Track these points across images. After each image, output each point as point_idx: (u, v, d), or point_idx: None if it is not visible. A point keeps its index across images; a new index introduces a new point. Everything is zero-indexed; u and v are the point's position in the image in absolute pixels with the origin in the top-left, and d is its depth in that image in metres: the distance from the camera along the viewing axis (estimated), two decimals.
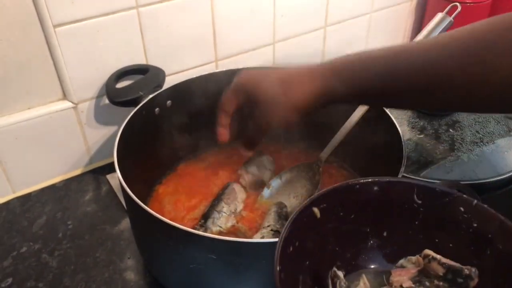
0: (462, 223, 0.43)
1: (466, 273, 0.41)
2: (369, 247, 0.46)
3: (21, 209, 0.76)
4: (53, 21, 0.68)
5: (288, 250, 0.40)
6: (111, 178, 0.82)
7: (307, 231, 0.43)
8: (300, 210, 0.42)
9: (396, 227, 0.46)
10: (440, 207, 0.44)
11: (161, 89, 0.74)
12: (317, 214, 0.43)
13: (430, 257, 0.42)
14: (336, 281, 0.42)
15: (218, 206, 0.67)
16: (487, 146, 0.84)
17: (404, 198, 0.45)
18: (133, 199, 0.52)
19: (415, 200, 0.45)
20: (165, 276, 0.60)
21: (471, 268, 0.41)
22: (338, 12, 1.01)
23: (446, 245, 0.44)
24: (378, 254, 0.47)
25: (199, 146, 0.82)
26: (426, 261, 0.43)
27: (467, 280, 0.41)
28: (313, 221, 0.43)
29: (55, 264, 0.66)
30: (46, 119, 0.75)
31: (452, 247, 0.44)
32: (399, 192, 0.45)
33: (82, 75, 0.75)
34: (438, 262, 0.42)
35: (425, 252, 0.43)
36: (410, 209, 0.45)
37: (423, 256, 0.43)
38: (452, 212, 0.43)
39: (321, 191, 0.44)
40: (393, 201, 0.45)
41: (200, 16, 0.83)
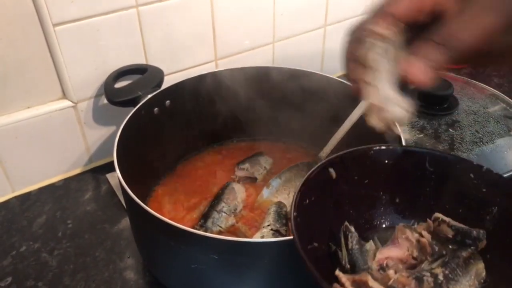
0: (472, 188, 0.45)
1: (474, 235, 0.42)
2: (382, 211, 0.47)
3: (21, 208, 0.76)
4: (52, 20, 0.68)
5: (304, 201, 0.41)
6: (110, 177, 0.82)
7: (323, 189, 0.44)
8: (317, 168, 0.43)
9: (409, 193, 0.47)
10: (451, 174, 0.46)
11: (160, 89, 0.74)
12: (333, 175, 0.44)
13: (440, 220, 0.44)
14: (348, 234, 0.42)
15: (218, 206, 0.67)
16: (486, 146, 0.84)
17: (417, 165, 0.46)
18: (133, 199, 0.52)
19: (427, 167, 0.46)
20: (165, 275, 0.60)
21: (479, 230, 0.42)
22: (338, 11, 1.01)
23: (456, 211, 0.45)
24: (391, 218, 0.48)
25: (198, 145, 0.82)
26: (436, 224, 0.44)
27: (476, 242, 0.42)
28: (329, 181, 0.44)
29: (54, 263, 0.66)
30: (45, 118, 0.75)
31: (462, 213, 0.45)
32: (412, 160, 0.47)
33: (81, 74, 0.75)
34: (448, 225, 0.43)
35: (435, 215, 0.44)
36: (422, 176, 0.46)
37: (433, 219, 0.44)
38: (463, 178, 0.45)
39: (338, 153, 0.46)
40: (406, 168, 0.47)
41: (200, 15, 0.83)
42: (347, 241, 0.42)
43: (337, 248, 0.42)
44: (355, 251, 0.41)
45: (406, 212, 0.47)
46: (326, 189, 0.44)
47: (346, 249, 0.42)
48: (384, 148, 0.47)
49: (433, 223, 0.44)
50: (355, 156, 0.46)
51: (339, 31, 1.03)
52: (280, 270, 0.50)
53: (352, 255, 0.41)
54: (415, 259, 0.43)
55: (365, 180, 0.46)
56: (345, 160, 0.46)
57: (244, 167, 0.75)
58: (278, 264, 0.50)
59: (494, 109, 0.93)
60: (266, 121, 0.80)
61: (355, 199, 0.46)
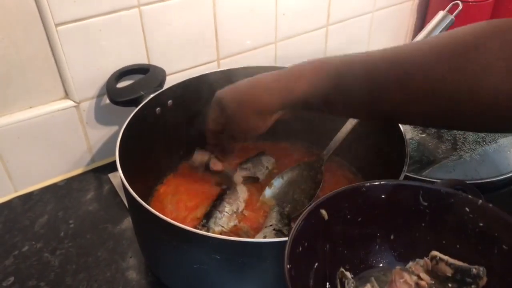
0: (468, 223, 0.43)
1: (474, 273, 0.41)
2: (377, 249, 0.47)
3: (23, 208, 0.76)
4: (55, 20, 0.68)
5: (297, 249, 0.40)
6: (112, 177, 0.82)
7: (316, 232, 0.43)
8: (309, 211, 0.42)
9: (403, 229, 0.46)
10: (446, 208, 0.44)
11: (162, 88, 0.74)
12: (324, 216, 0.43)
13: (438, 258, 0.42)
14: (345, 281, 0.42)
15: (220, 206, 0.67)
16: (489, 145, 0.84)
17: (410, 200, 0.45)
18: (135, 199, 0.52)
19: (421, 202, 0.45)
20: (167, 275, 0.60)
21: (479, 268, 0.41)
22: (340, 11, 1.01)
23: (453, 246, 0.44)
24: (387, 256, 0.47)
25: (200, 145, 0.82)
26: (433, 263, 0.43)
27: (476, 280, 0.41)
28: (321, 223, 0.43)
29: (57, 263, 0.66)
30: (48, 118, 0.75)
31: (460, 248, 0.44)
32: (405, 195, 0.45)
33: (84, 74, 0.75)
34: (446, 263, 0.42)
35: (432, 254, 0.43)
36: (417, 211, 0.45)
37: (431, 258, 0.43)
38: (458, 213, 0.44)
39: (329, 194, 0.44)
40: (400, 204, 0.45)
41: (202, 15, 0.83)
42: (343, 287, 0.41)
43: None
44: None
45: (402, 249, 0.46)
46: (318, 232, 0.43)
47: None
48: (376, 183, 0.46)
49: (431, 261, 0.43)
50: (346, 195, 0.45)
51: (341, 31, 1.03)
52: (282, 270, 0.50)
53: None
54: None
55: (358, 218, 0.45)
56: (337, 199, 0.44)
57: (247, 167, 0.75)
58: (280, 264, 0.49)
59: None
60: None
61: (349, 239, 0.45)
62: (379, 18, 1.09)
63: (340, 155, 0.75)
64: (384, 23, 1.11)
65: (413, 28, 1.20)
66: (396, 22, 1.15)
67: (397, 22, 1.15)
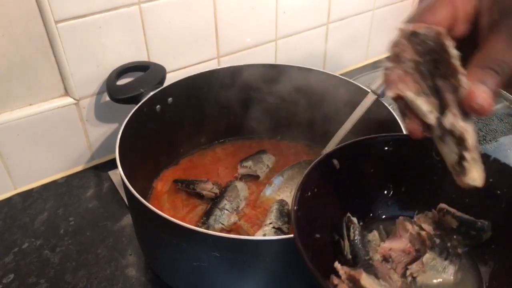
0: None
1: (479, 226, 0.42)
2: (387, 200, 0.47)
3: (23, 205, 0.76)
4: (55, 17, 0.68)
5: (306, 194, 0.41)
6: (112, 175, 0.82)
7: (326, 180, 0.43)
8: (320, 160, 0.43)
9: (415, 182, 0.46)
10: None
11: (162, 86, 0.74)
12: (336, 166, 0.44)
13: (445, 210, 0.43)
14: (350, 225, 0.42)
15: (220, 204, 0.67)
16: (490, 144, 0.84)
17: (424, 154, 0.45)
18: (135, 196, 0.52)
19: (434, 156, 0.44)
20: (167, 273, 0.60)
21: (484, 221, 0.42)
22: (340, 9, 1.01)
23: (462, 200, 0.44)
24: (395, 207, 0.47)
25: (200, 143, 0.82)
26: (441, 214, 0.43)
27: (480, 233, 0.42)
28: (332, 172, 0.44)
29: (56, 260, 0.67)
30: (48, 115, 0.75)
31: (468, 202, 0.44)
32: (419, 148, 0.45)
33: (84, 72, 0.75)
34: (452, 215, 0.43)
35: (440, 206, 0.44)
36: (429, 165, 0.45)
37: (438, 210, 0.44)
38: None
39: (343, 144, 0.45)
40: (413, 157, 0.46)
41: (202, 13, 0.83)
42: (349, 232, 0.42)
43: (339, 238, 0.42)
44: (357, 242, 0.41)
45: (411, 201, 0.47)
46: (329, 180, 0.44)
47: (348, 240, 0.42)
48: (390, 136, 0.46)
49: (438, 213, 0.44)
50: (360, 146, 0.45)
51: (341, 29, 1.03)
52: (282, 267, 0.50)
53: (354, 246, 0.41)
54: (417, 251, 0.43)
55: (370, 169, 0.46)
56: (350, 150, 0.45)
57: (247, 165, 0.75)
58: (280, 261, 0.49)
59: (497, 108, 0.92)
60: (269, 119, 0.79)
61: (360, 190, 0.46)
62: (379, 16, 1.09)
63: None
64: (384, 20, 1.11)
65: None
66: (397, 20, 1.15)
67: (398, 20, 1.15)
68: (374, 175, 0.46)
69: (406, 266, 0.42)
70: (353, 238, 0.42)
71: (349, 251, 0.41)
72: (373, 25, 1.10)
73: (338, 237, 0.42)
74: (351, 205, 0.45)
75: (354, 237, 0.42)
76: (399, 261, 0.42)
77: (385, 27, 1.13)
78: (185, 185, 0.71)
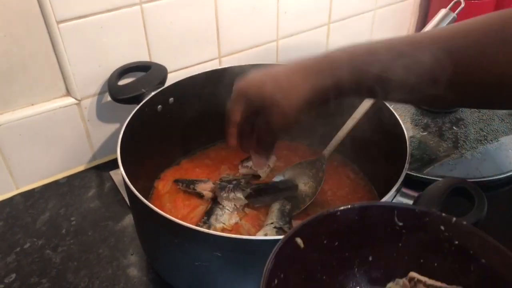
0: (444, 241, 0.43)
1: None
2: (356, 273, 0.46)
3: (25, 205, 0.76)
4: (56, 17, 0.68)
5: (273, 283, 0.39)
6: (114, 175, 0.82)
7: (292, 262, 0.42)
8: (284, 241, 0.41)
9: (381, 251, 0.46)
10: (421, 227, 0.44)
11: (163, 86, 0.74)
12: (300, 245, 0.43)
13: (416, 280, 0.42)
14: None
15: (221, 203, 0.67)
16: (491, 144, 0.84)
17: (386, 221, 0.45)
18: (137, 196, 0.52)
19: (396, 222, 0.45)
20: (168, 272, 0.61)
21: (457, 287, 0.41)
22: (342, 9, 1.01)
23: (431, 265, 0.44)
24: (365, 279, 0.46)
25: (201, 142, 0.82)
26: (412, 284, 0.43)
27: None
28: (297, 252, 0.42)
29: (58, 260, 0.67)
30: (49, 115, 0.75)
31: (437, 266, 0.44)
32: (380, 216, 0.45)
33: (85, 72, 0.75)
34: (424, 284, 0.42)
35: (410, 275, 0.43)
36: (393, 232, 0.45)
37: (409, 279, 0.43)
38: (434, 231, 0.44)
39: (303, 222, 0.44)
40: (375, 225, 0.45)
41: (204, 13, 0.83)
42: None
43: None
44: None
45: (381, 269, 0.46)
46: (295, 262, 0.42)
47: None
48: (349, 207, 0.45)
49: (409, 282, 0.43)
50: (321, 220, 0.44)
51: (343, 29, 1.03)
52: None
53: None
54: None
55: (335, 243, 0.45)
56: (312, 226, 0.44)
57: (248, 164, 0.75)
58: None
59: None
60: None
61: (328, 265, 0.45)
62: (380, 16, 1.09)
63: (342, 153, 0.76)
64: (386, 21, 1.11)
65: (415, 26, 1.20)
66: (398, 20, 1.15)
67: (399, 20, 1.15)
68: (339, 248, 0.45)
69: None
70: None
71: None
72: (374, 25, 1.10)
73: None
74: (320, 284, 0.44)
75: None
76: None
77: (386, 27, 1.13)
78: (185, 185, 0.72)
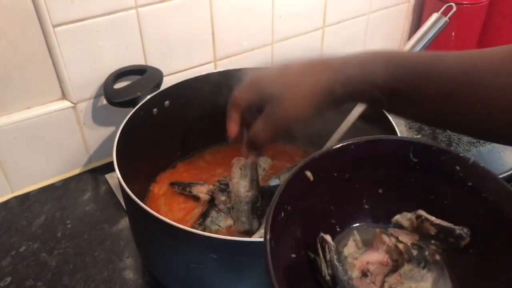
0: (457, 181, 0.43)
1: (457, 233, 0.41)
2: (364, 204, 0.46)
3: (20, 208, 0.76)
4: (52, 21, 0.69)
5: (279, 216, 0.39)
6: (110, 178, 0.82)
7: (300, 195, 0.42)
8: (293, 174, 0.41)
9: (392, 185, 0.45)
10: (436, 165, 0.43)
11: (159, 89, 0.74)
12: (310, 178, 0.42)
13: (423, 218, 0.42)
14: (325, 245, 0.41)
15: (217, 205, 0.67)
16: (483, 146, 0.84)
17: (401, 156, 0.44)
18: (133, 199, 0.52)
19: (411, 158, 0.44)
20: (164, 275, 0.61)
21: (463, 228, 0.41)
22: (336, 13, 1.01)
23: (441, 203, 0.43)
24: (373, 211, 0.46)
25: (197, 146, 0.82)
26: (419, 221, 0.43)
27: (459, 240, 0.41)
28: (306, 185, 0.42)
29: (54, 263, 0.67)
30: (45, 118, 0.75)
31: (447, 204, 0.43)
32: (396, 151, 0.44)
33: (81, 75, 0.76)
34: (431, 223, 0.42)
35: (418, 213, 0.43)
36: (406, 167, 0.44)
37: (416, 216, 0.43)
38: (448, 170, 0.43)
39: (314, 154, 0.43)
40: (390, 159, 0.44)
41: (199, 17, 0.83)
42: (324, 253, 0.41)
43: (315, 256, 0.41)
44: (334, 262, 0.40)
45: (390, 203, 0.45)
46: (303, 195, 0.42)
47: (324, 260, 0.41)
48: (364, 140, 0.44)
49: (416, 220, 0.43)
50: (333, 154, 0.44)
51: (337, 33, 1.04)
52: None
53: (331, 266, 0.40)
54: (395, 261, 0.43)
55: (345, 175, 0.44)
56: (323, 159, 0.43)
57: None
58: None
59: None
60: None
61: (335, 195, 0.44)
62: (375, 20, 1.10)
63: None
64: (380, 25, 1.12)
65: (408, 30, 1.21)
66: (392, 24, 1.16)
67: (393, 24, 1.16)
68: (349, 180, 0.45)
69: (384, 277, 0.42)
70: (330, 258, 0.40)
71: (326, 272, 0.40)
72: (368, 29, 1.10)
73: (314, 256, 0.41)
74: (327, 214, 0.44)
75: (331, 257, 0.40)
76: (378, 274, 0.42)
77: (380, 31, 1.14)
78: (181, 188, 0.72)
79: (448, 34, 1.08)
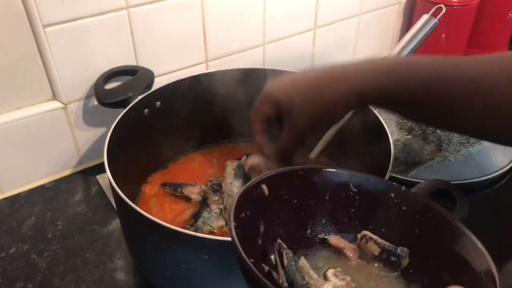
0: (393, 208, 0.47)
1: (398, 252, 0.45)
2: (309, 232, 0.48)
3: (10, 209, 0.76)
4: (42, 21, 0.68)
5: (240, 214, 0.42)
6: (100, 179, 0.81)
7: (257, 205, 0.44)
8: (252, 184, 0.44)
9: (334, 214, 0.49)
10: (374, 194, 0.48)
11: (150, 90, 0.74)
12: (265, 191, 0.45)
13: (367, 237, 0.46)
14: (283, 251, 0.43)
15: (209, 206, 0.67)
16: (473, 146, 0.85)
17: (342, 187, 0.48)
18: (124, 200, 0.52)
19: (351, 188, 0.48)
20: (156, 276, 0.61)
21: (402, 248, 0.45)
22: (327, 14, 1.02)
23: (379, 230, 0.47)
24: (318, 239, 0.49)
25: (189, 147, 0.82)
26: (363, 242, 0.46)
27: (400, 259, 0.45)
28: (261, 198, 0.45)
29: (44, 264, 0.66)
30: (35, 119, 0.75)
31: (385, 231, 0.47)
32: (338, 181, 0.49)
33: (71, 76, 0.75)
34: (375, 242, 0.46)
35: (363, 233, 0.47)
36: (347, 197, 0.48)
37: (360, 237, 0.47)
38: (384, 198, 0.48)
39: (270, 172, 0.47)
40: (332, 189, 0.48)
41: (191, 17, 0.83)
42: (282, 259, 0.42)
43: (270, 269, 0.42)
44: (292, 268, 0.41)
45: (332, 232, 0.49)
46: (259, 206, 0.45)
47: (282, 267, 0.42)
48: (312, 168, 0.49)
49: (360, 240, 0.47)
50: (286, 175, 0.47)
51: (328, 34, 1.04)
52: None
53: (289, 273, 0.41)
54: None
55: (294, 199, 0.47)
56: (277, 178, 0.47)
57: None
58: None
59: None
60: None
61: (284, 221, 0.47)
62: (366, 21, 1.10)
63: (327, 156, 0.76)
64: (371, 26, 1.13)
65: (399, 31, 1.21)
66: (383, 25, 1.16)
67: (384, 25, 1.17)
68: (297, 205, 0.48)
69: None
70: (287, 264, 0.41)
71: (284, 279, 0.41)
72: (360, 30, 1.11)
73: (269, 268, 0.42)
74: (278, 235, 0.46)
75: (288, 263, 0.41)
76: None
77: (371, 32, 1.15)
78: (173, 189, 0.72)
79: (438, 35, 1.09)
